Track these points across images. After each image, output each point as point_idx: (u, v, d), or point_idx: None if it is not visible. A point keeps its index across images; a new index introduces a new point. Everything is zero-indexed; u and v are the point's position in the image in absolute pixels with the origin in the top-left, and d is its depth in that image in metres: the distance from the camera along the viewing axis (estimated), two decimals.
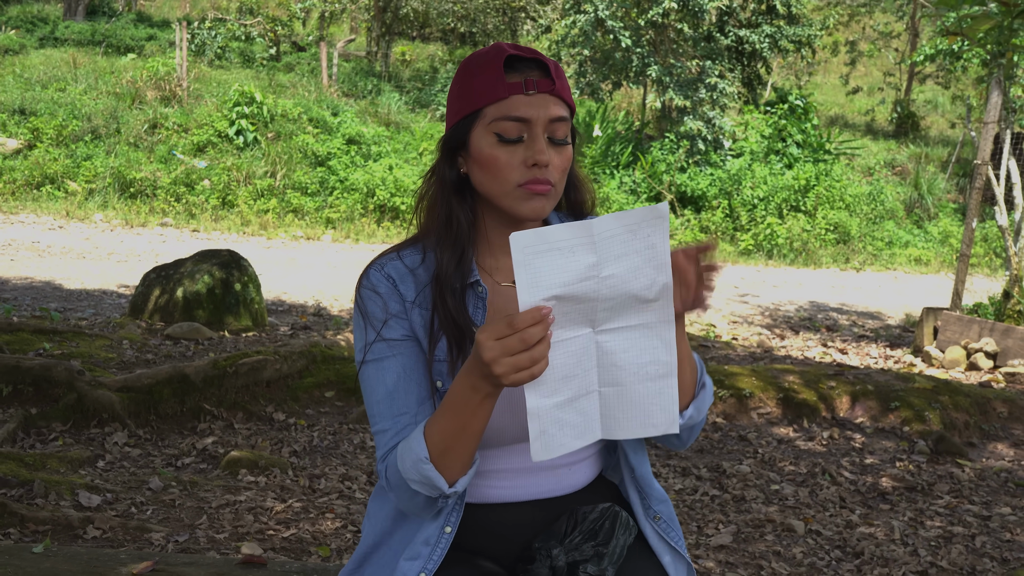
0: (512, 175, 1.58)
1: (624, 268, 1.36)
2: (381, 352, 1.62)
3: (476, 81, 1.60)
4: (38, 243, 10.37)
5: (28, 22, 22.26)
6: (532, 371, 1.34)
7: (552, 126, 1.59)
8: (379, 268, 1.66)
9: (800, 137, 16.51)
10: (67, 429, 4.53)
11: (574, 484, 1.73)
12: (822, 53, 23.68)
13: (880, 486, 4.61)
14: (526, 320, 1.33)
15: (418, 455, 1.50)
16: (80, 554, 2.35)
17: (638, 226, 1.35)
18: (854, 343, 8.45)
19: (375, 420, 1.63)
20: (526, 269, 1.32)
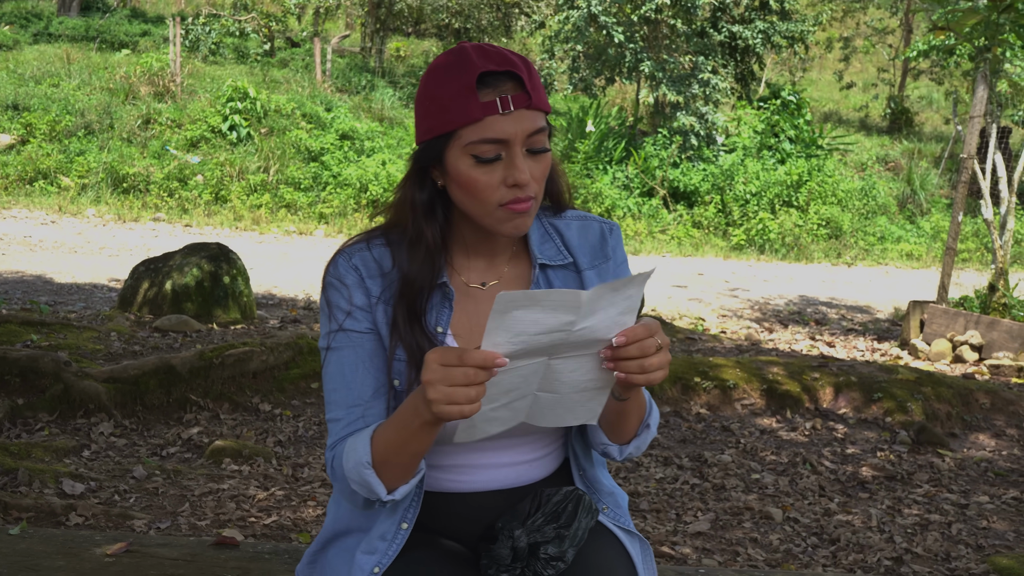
0: (492, 196, 1.54)
1: (598, 320, 1.36)
2: (342, 342, 1.62)
3: (447, 100, 1.53)
4: (30, 238, 10.39)
5: (22, 18, 22.25)
6: (462, 409, 1.34)
7: (530, 140, 1.54)
8: (347, 258, 1.65)
9: (793, 133, 16.56)
10: (53, 419, 4.56)
11: (535, 477, 1.75)
12: (816, 49, 23.73)
13: (860, 475, 4.65)
14: (477, 359, 1.32)
15: (360, 458, 1.52)
16: (56, 536, 2.39)
17: (624, 287, 1.35)
18: (842, 336, 8.50)
19: (329, 408, 1.65)
20: (500, 317, 1.30)
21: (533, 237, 1.70)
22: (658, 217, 14.78)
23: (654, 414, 1.68)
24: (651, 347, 1.41)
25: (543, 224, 1.73)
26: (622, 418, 1.60)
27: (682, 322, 8.50)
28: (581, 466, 1.76)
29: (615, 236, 1.76)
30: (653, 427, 1.68)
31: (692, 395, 5.55)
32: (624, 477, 4.40)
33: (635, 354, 1.41)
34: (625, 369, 1.41)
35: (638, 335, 1.40)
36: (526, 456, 1.71)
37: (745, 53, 17.71)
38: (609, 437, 1.65)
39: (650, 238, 14.16)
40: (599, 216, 1.80)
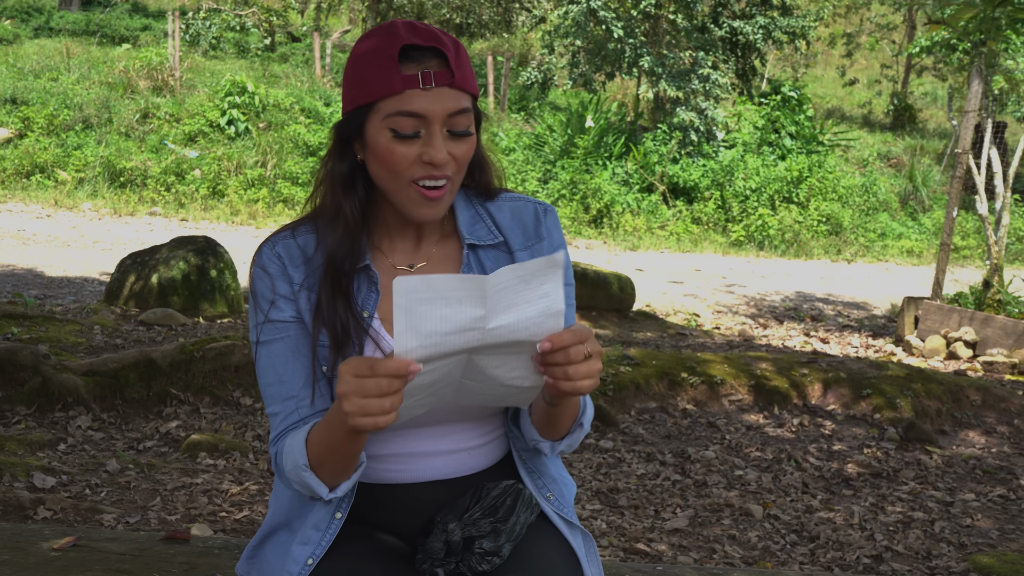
0: (406, 170, 1.52)
1: (513, 319, 1.32)
2: (270, 334, 1.60)
3: (370, 71, 1.52)
4: (23, 231, 10.37)
5: (23, 12, 22.25)
6: (377, 421, 1.31)
7: (452, 120, 1.52)
8: (271, 246, 1.62)
9: (794, 129, 16.48)
10: (31, 412, 4.53)
11: (476, 466, 1.71)
12: (818, 45, 23.64)
13: (845, 472, 4.60)
14: (389, 369, 1.29)
15: (297, 461, 1.50)
16: (5, 530, 2.35)
17: (532, 276, 1.31)
18: (837, 332, 8.44)
19: (267, 402, 1.62)
20: (406, 314, 1.26)
21: (462, 218, 1.67)
22: (657, 213, 14.72)
23: (588, 412, 1.65)
24: (578, 355, 1.37)
25: (473, 206, 1.70)
26: (554, 419, 1.57)
27: (676, 318, 8.45)
28: (522, 453, 1.73)
29: (550, 217, 1.72)
30: (587, 425, 1.65)
31: (678, 390, 5.50)
32: (605, 473, 4.36)
33: (561, 360, 1.37)
34: (552, 375, 1.38)
35: (564, 341, 1.37)
36: (465, 443, 1.67)
37: (746, 49, 17.64)
38: (541, 434, 1.62)
39: (649, 234, 14.11)
40: (538, 200, 1.75)
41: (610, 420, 5.04)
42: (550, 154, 15.49)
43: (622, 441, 4.84)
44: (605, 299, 7.53)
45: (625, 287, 7.68)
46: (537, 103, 18.24)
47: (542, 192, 14.68)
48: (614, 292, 7.56)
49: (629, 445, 4.78)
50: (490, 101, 17.59)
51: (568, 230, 13.95)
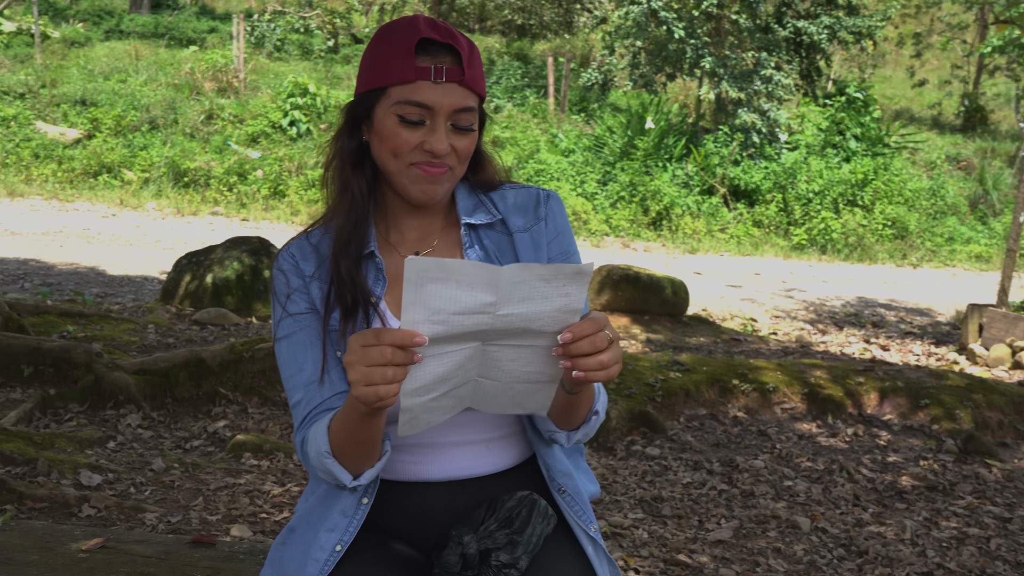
0: (408, 155, 1.58)
1: (527, 310, 1.31)
2: (289, 328, 1.64)
3: (387, 58, 1.58)
4: (88, 230, 10.58)
5: (95, 15, 22.75)
6: (378, 391, 1.30)
7: (457, 115, 1.58)
8: (286, 249, 1.69)
9: (859, 130, 16.17)
10: (83, 410, 4.60)
11: (494, 464, 1.69)
12: (887, 45, 23.20)
13: (899, 485, 4.48)
14: (395, 338, 1.29)
15: (320, 447, 1.52)
16: (36, 528, 2.38)
17: (555, 277, 1.30)
18: (898, 339, 8.25)
19: (290, 393, 1.65)
20: (416, 290, 1.26)
21: (462, 204, 1.71)
22: (718, 216, 14.55)
23: (602, 398, 1.64)
24: (602, 341, 1.37)
25: (476, 195, 1.74)
26: (571, 408, 1.57)
27: (732, 323, 8.33)
28: (540, 452, 1.70)
29: (553, 202, 1.74)
30: (601, 412, 1.65)
31: (729, 398, 5.41)
32: (650, 480, 4.30)
33: (587, 350, 1.36)
34: (582, 367, 1.37)
35: (585, 330, 1.36)
36: (482, 434, 1.67)
37: (810, 49, 17.36)
38: (557, 425, 1.62)
39: (709, 237, 13.95)
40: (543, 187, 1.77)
41: (658, 427, 4.98)
42: (610, 156, 15.40)
43: (669, 448, 4.77)
44: (658, 303, 7.45)
45: (679, 291, 7.58)
46: (597, 104, 18.15)
47: (601, 194, 14.60)
48: (667, 296, 7.47)
49: (676, 453, 4.71)
50: (550, 102, 17.55)
51: (627, 232, 13.85)
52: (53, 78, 16.02)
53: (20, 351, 4.81)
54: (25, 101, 15.29)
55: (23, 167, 13.61)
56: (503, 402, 1.46)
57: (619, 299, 7.42)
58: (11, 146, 13.87)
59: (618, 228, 13.93)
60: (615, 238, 13.61)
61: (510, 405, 1.47)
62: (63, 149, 14.03)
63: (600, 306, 7.51)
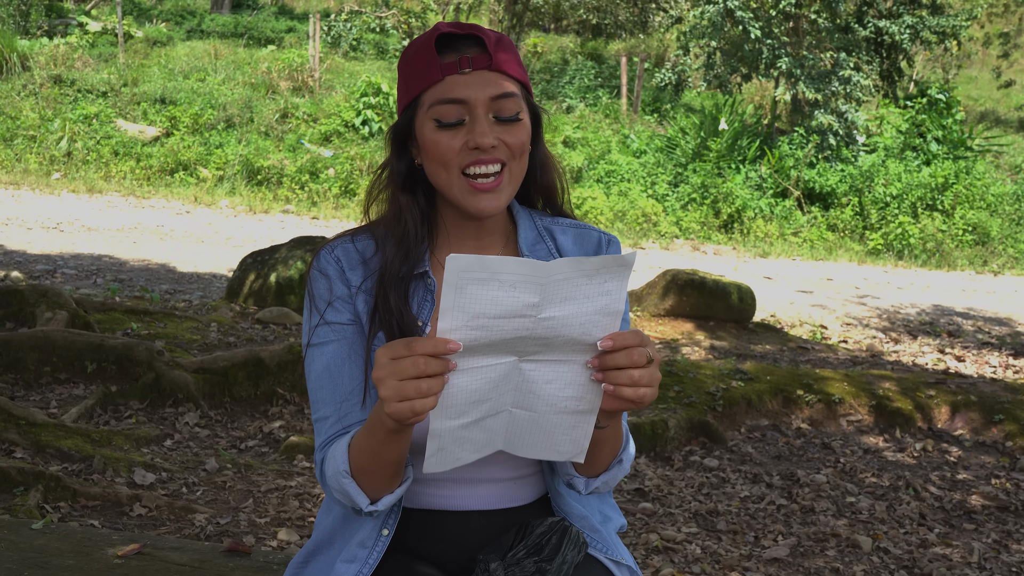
0: (455, 160, 1.49)
1: (569, 311, 1.23)
2: (325, 336, 1.56)
3: (413, 66, 1.53)
4: (162, 227, 10.77)
5: (177, 15, 23.23)
6: (413, 405, 1.23)
7: (496, 104, 1.49)
8: (329, 251, 1.61)
9: (940, 133, 15.74)
10: (143, 407, 4.66)
11: (520, 498, 1.64)
12: (972, 45, 22.56)
13: (968, 504, 4.31)
14: (427, 347, 1.22)
15: (339, 466, 1.45)
16: (75, 532, 2.39)
17: (596, 272, 1.23)
18: (975, 350, 7.98)
19: (317, 406, 1.57)
20: (455, 293, 1.19)
21: (524, 235, 1.62)
22: (791, 219, 14.28)
23: (629, 449, 1.55)
24: (641, 357, 1.27)
25: (536, 225, 1.65)
26: (596, 448, 1.47)
27: (801, 329, 8.15)
28: (557, 491, 1.64)
29: (613, 248, 1.65)
30: (626, 464, 1.55)
31: (793, 408, 5.28)
32: (706, 493, 4.20)
33: (623, 363, 1.27)
34: (614, 380, 1.27)
35: (627, 341, 1.27)
36: (510, 472, 1.60)
37: (892, 49, 16.94)
38: (577, 468, 1.53)
39: (781, 240, 13.70)
40: (603, 230, 1.68)
41: (718, 437, 4.87)
42: (682, 157, 15.22)
43: (728, 460, 4.66)
44: (723, 309, 7.31)
45: (745, 297, 7.44)
46: (670, 105, 17.96)
47: (672, 196, 14.44)
48: (733, 302, 7.33)
49: (735, 464, 4.60)
50: (623, 103, 17.42)
51: (697, 235, 13.67)
52: (135, 77, 16.37)
53: (84, 348, 4.89)
54: (107, 99, 15.65)
55: (103, 164, 13.94)
56: (537, 441, 1.38)
57: (684, 304, 7.30)
58: (92, 143, 14.21)
59: (688, 230, 13.76)
60: (685, 240, 13.44)
61: (544, 446, 1.38)
62: (141, 147, 14.33)
63: (664, 311, 7.40)
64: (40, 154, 13.99)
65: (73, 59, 16.71)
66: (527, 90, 1.55)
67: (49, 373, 4.82)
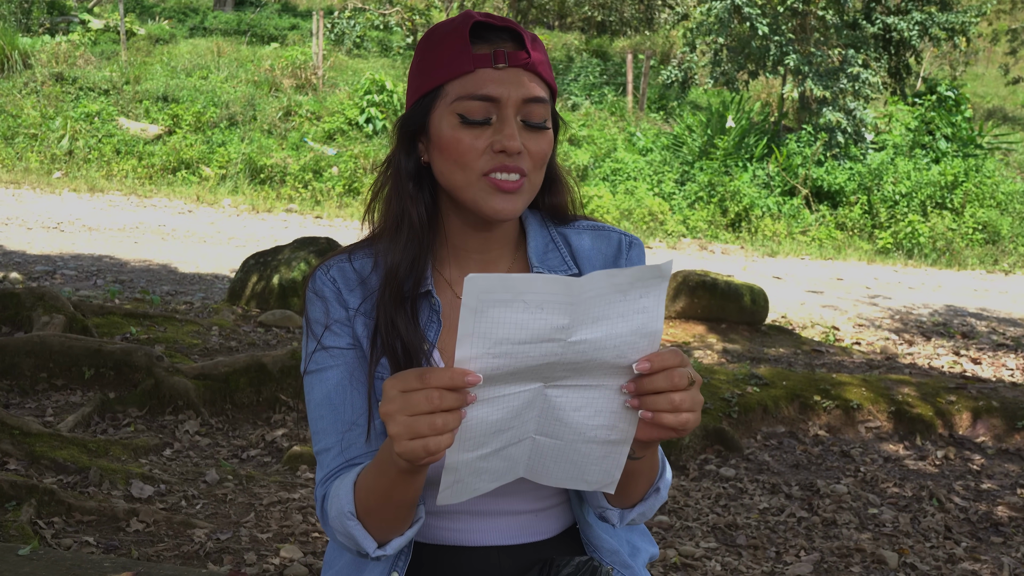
0: (476, 161, 1.35)
1: (602, 333, 1.10)
2: (323, 362, 1.43)
3: (438, 53, 1.38)
4: (164, 226, 10.64)
5: (180, 12, 23.09)
6: (427, 444, 1.09)
7: (527, 108, 1.36)
8: (325, 271, 1.47)
9: (949, 130, 15.58)
10: (142, 415, 4.52)
11: (544, 531, 1.50)
12: (980, 42, 22.38)
13: (995, 516, 4.17)
14: (442, 379, 1.08)
15: (343, 507, 1.31)
16: (64, 559, 2.26)
17: (631, 286, 1.10)
18: (990, 352, 7.83)
19: (318, 437, 1.44)
20: (475, 317, 1.06)
21: (533, 244, 1.48)
22: (799, 217, 14.12)
23: (666, 475, 1.40)
24: (682, 380, 1.13)
25: (548, 231, 1.50)
26: (631, 479, 1.33)
27: (813, 331, 8.01)
28: (587, 520, 1.50)
29: (636, 251, 1.50)
30: (664, 492, 1.41)
31: (810, 415, 5.13)
32: (724, 505, 4.06)
33: (663, 386, 1.13)
34: (652, 406, 1.14)
35: (667, 361, 1.13)
36: (531, 504, 1.46)
37: (900, 46, 16.78)
38: (610, 499, 1.39)
39: (789, 239, 13.55)
40: (624, 231, 1.52)
41: (733, 445, 4.73)
42: (688, 155, 15.07)
43: (745, 469, 4.52)
44: (736, 311, 7.16)
45: (757, 299, 7.29)
46: (677, 102, 17.81)
47: (679, 194, 14.29)
48: (745, 304, 7.19)
49: (753, 474, 4.46)
50: (628, 100, 17.26)
51: (704, 234, 13.52)
52: (137, 75, 16.24)
53: (82, 353, 4.76)
54: (109, 97, 15.52)
55: (104, 163, 13.81)
56: (563, 469, 1.24)
57: (695, 306, 7.16)
58: (94, 142, 14.08)
59: (695, 229, 13.61)
60: (692, 239, 13.29)
61: (571, 475, 1.25)
62: (143, 145, 14.20)
63: (675, 313, 7.25)
64: (41, 153, 13.87)
65: (75, 57, 16.59)
66: (553, 97, 1.43)
67: (45, 379, 4.69)
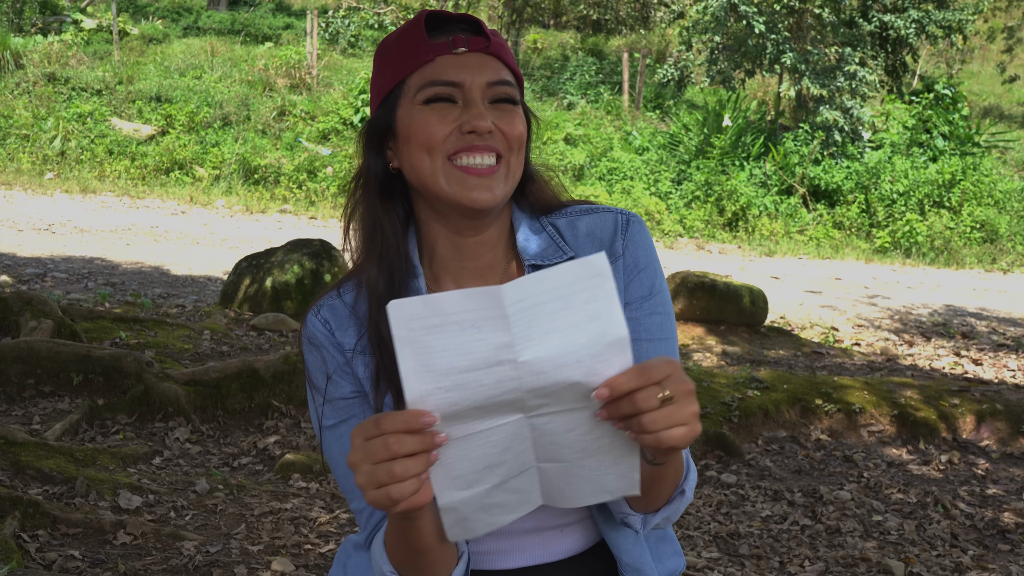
0: (441, 143, 1.26)
1: (557, 349, 1.00)
2: (334, 416, 1.35)
3: (395, 52, 1.32)
4: (157, 228, 10.54)
5: (174, 12, 22.96)
6: (389, 492, 1.02)
7: (492, 90, 1.29)
8: (315, 312, 1.37)
9: (946, 128, 15.51)
10: (132, 422, 4.43)
11: (570, 548, 1.41)
12: (976, 40, 22.34)
13: (1001, 522, 4.09)
14: (396, 423, 1.01)
15: (382, 569, 1.26)
16: None
17: (569, 289, 1.00)
18: (991, 352, 7.76)
19: (349, 497, 1.37)
20: (411, 349, 0.98)
21: (524, 237, 1.38)
22: (796, 216, 14.05)
23: (691, 476, 1.32)
24: (647, 400, 1.03)
25: (538, 221, 1.40)
26: (654, 484, 1.25)
27: (812, 331, 7.93)
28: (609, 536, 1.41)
29: (634, 228, 1.39)
30: (689, 492, 1.32)
31: (812, 419, 5.05)
32: (726, 513, 3.97)
33: (628, 411, 1.04)
34: (629, 428, 1.06)
35: (623, 387, 1.03)
36: (555, 519, 1.38)
37: (897, 44, 16.71)
38: (632, 505, 1.31)
39: (787, 238, 13.48)
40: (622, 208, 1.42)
41: (735, 450, 4.65)
42: (685, 154, 14.98)
43: (747, 475, 4.43)
44: (735, 313, 7.08)
45: (757, 300, 7.21)
46: (673, 101, 17.73)
47: (676, 193, 14.21)
48: (745, 306, 7.11)
49: (754, 480, 4.37)
50: (624, 99, 17.18)
51: (701, 233, 13.45)
52: (130, 75, 16.12)
53: (70, 359, 4.67)
54: (102, 97, 15.40)
55: (97, 163, 13.70)
56: (579, 488, 1.16)
57: (694, 308, 7.08)
58: (86, 142, 13.97)
59: (692, 229, 13.53)
60: (689, 239, 13.22)
61: (590, 491, 1.16)
62: (136, 145, 14.09)
63: (674, 315, 7.16)
64: (33, 153, 13.76)
65: (67, 57, 16.47)
66: (520, 86, 1.35)
67: (33, 386, 4.59)
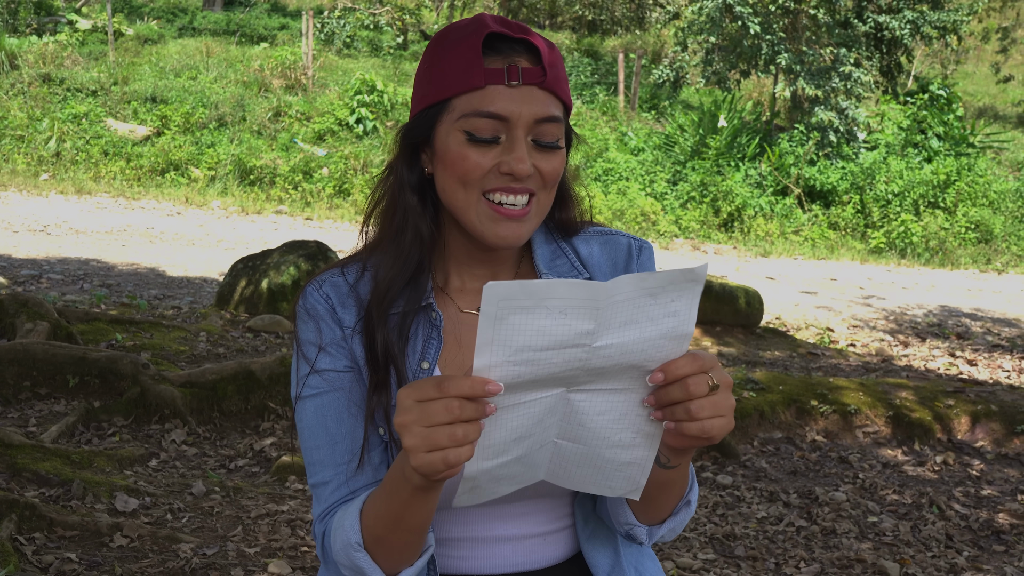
0: (479, 180, 1.27)
1: (629, 338, 1.05)
2: (318, 387, 1.33)
3: (448, 62, 1.29)
4: (152, 229, 10.54)
5: (169, 12, 22.95)
6: (446, 456, 1.03)
7: (539, 128, 1.27)
8: (317, 286, 1.37)
9: (941, 129, 15.55)
10: (128, 424, 4.43)
11: (550, 557, 1.41)
12: (971, 40, 22.39)
13: (996, 523, 4.10)
14: (462, 388, 1.02)
15: (349, 538, 1.22)
16: None
17: (661, 289, 1.04)
18: (986, 353, 7.78)
19: (314, 469, 1.34)
20: (495, 325, 1.01)
21: (540, 252, 1.40)
22: (792, 217, 14.08)
23: (695, 488, 1.34)
24: (700, 386, 1.06)
25: (555, 241, 1.42)
26: (663, 491, 1.26)
27: (807, 332, 7.94)
28: (587, 549, 1.41)
29: (646, 254, 1.43)
30: (693, 505, 1.33)
31: (808, 420, 5.06)
32: (721, 514, 3.98)
33: (679, 396, 1.06)
34: (671, 416, 1.08)
35: (680, 371, 1.06)
36: (539, 527, 1.38)
37: (892, 45, 16.74)
38: (638, 515, 1.30)
39: (782, 239, 13.50)
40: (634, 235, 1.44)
41: (730, 451, 4.66)
42: (680, 154, 15.01)
43: (742, 476, 4.44)
44: (731, 314, 7.10)
45: (752, 301, 7.23)
46: (668, 102, 17.75)
47: (671, 194, 14.23)
48: (740, 307, 7.12)
49: (750, 481, 4.39)
50: (620, 100, 17.19)
51: (697, 234, 13.47)
52: (125, 75, 16.11)
53: (66, 361, 4.67)
54: (97, 98, 15.39)
55: (92, 164, 13.69)
56: (586, 474, 1.17)
57: None
58: (81, 143, 13.96)
59: (688, 229, 13.55)
60: (684, 240, 13.23)
61: (594, 481, 1.18)
62: (132, 146, 14.08)
63: None
64: (28, 154, 13.74)
65: (62, 57, 16.45)
66: (568, 113, 1.34)
67: (29, 388, 4.59)
